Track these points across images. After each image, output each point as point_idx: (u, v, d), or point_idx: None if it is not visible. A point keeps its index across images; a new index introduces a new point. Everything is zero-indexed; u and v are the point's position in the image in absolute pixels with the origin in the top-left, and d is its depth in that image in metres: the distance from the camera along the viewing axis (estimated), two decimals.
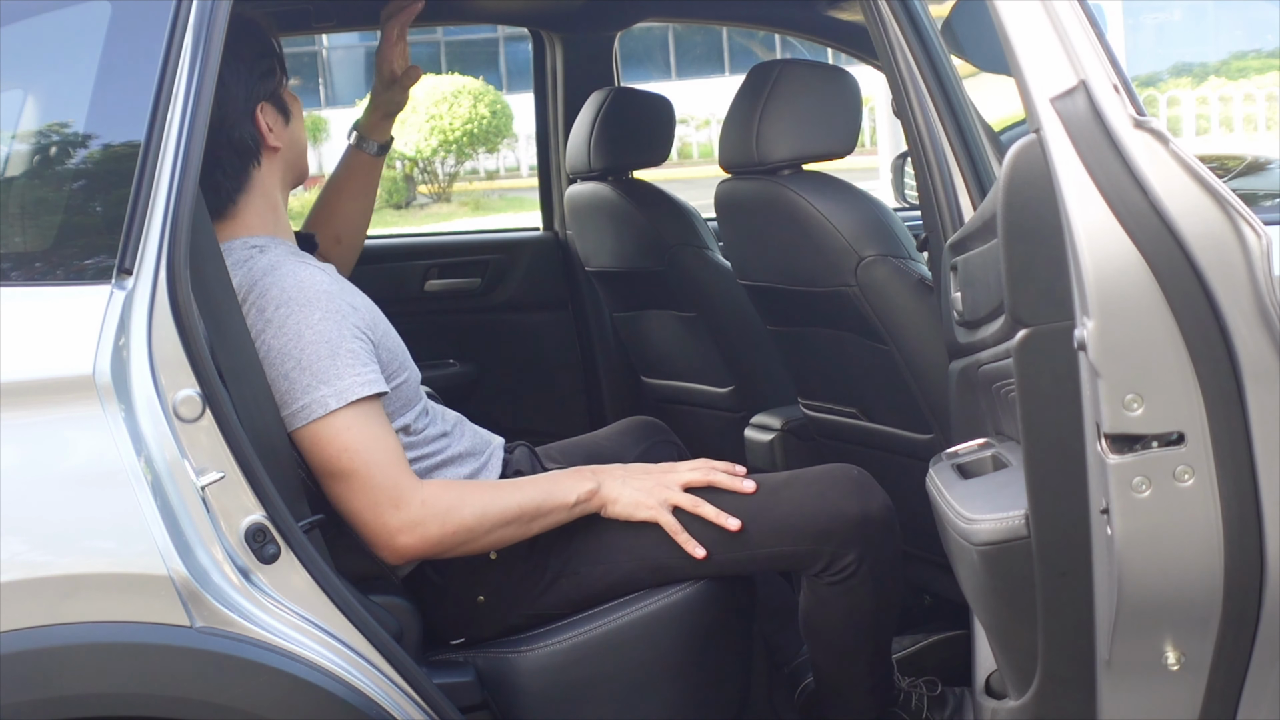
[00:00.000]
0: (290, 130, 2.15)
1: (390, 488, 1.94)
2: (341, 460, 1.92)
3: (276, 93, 2.12)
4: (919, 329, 2.35)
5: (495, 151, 18.47)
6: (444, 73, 18.63)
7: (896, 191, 3.68)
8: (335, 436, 1.92)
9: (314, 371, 1.91)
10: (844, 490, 2.16)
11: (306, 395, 1.91)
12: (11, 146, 1.84)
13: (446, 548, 1.98)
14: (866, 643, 2.21)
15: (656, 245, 3.14)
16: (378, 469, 1.93)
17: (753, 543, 2.10)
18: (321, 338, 1.93)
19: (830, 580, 2.14)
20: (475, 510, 1.99)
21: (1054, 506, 1.63)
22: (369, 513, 1.94)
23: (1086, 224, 1.49)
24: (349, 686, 1.75)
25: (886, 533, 2.15)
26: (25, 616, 1.63)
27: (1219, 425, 1.50)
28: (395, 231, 7.74)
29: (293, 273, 1.98)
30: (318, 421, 1.91)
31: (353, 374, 1.93)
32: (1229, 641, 1.58)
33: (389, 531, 1.94)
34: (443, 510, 1.96)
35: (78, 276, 1.74)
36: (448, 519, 1.96)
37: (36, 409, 1.67)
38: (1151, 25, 17.59)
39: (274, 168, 2.13)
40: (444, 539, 1.96)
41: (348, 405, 1.91)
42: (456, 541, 1.98)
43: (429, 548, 1.97)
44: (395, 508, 1.93)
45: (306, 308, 1.94)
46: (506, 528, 2.01)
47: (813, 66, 2.50)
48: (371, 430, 1.94)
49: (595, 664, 2.06)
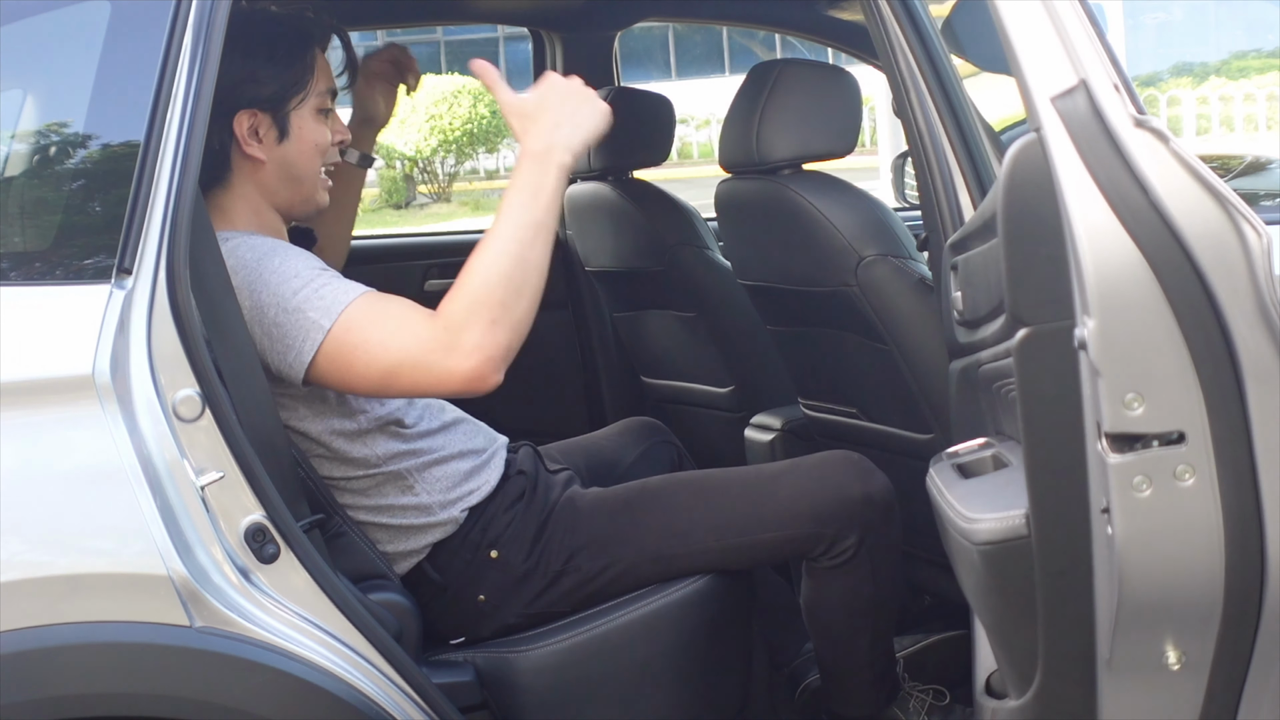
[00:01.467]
0: (285, 150, 2.06)
1: (428, 341, 1.85)
2: (371, 361, 1.86)
3: (281, 106, 2.05)
4: (919, 329, 2.35)
5: (495, 151, 18.48)
6: (444, 73, 18.63)
7: (896, 191, 3.68)
8: (343, 345, 1.86)
9: (295, 304, 1.88)
10: (845, 472, 2.18)
11: (298, 328, 1.88)
12: (11, 146, 1.84)
13: (511, 323, 1.85)
14: (865, 629, 2.21)
15: (656, 245, 3.14)
16: (407, 337, 1.85)
17: (755, 528, 2.12)
18: (290, 272, 1.90)
19: (830, 563, 2.15)
20: (482, 278, 1.86)
21: (1054, 506, 1.62)
22: (434, 376, 1.85)
23: (1087, 223, 1.49)
24: (349, 686, 1.75)
25: (887, 516, 2.17)
26: (25, 616, 1.63)
27: (1220, 424, 1.50)
28: (395, 231, 7.74)
29: (241, 245, 1.96)
30: (322, 344, 1.87)
31: (329, 287, 1.89)
32: (1230, 641, 1.58)
33: (464, 373, 1.84)
34: (467, 308, 1.86)
35: (77, 276, 1.74)
36: (479, 309, 1.85)
37: (36, 409, 1.67)
38: (1152, 25, 17.59)
39: (258, 179, 2.06)
40: (496, 321, 1.84)
41: (339, 316, 1.87)
42: (512, 316, 1.85)
43: (502, 342, 1.85)
44: (446, 351, 1.84)
45: (268, 257, 1.92)
46: (526, 251, 1.87)
47: (813, 66, 2.50)
48: (373, 312, 1.88)
49: (595, 663, 2.06)
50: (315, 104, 2.09)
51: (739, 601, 2.18)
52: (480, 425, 2.26)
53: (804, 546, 2.16)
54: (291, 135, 2.07)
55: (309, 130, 2.08)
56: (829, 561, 2.15)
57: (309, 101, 2.08)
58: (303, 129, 2.08)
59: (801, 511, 2.14)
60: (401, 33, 19.34)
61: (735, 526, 2.13)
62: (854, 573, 2.16)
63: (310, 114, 2.09)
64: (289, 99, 2.06)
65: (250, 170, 2.06)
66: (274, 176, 2.07)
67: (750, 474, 2.27)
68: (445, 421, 2.17)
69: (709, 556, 2.12)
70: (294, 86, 2.06)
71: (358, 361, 1.88)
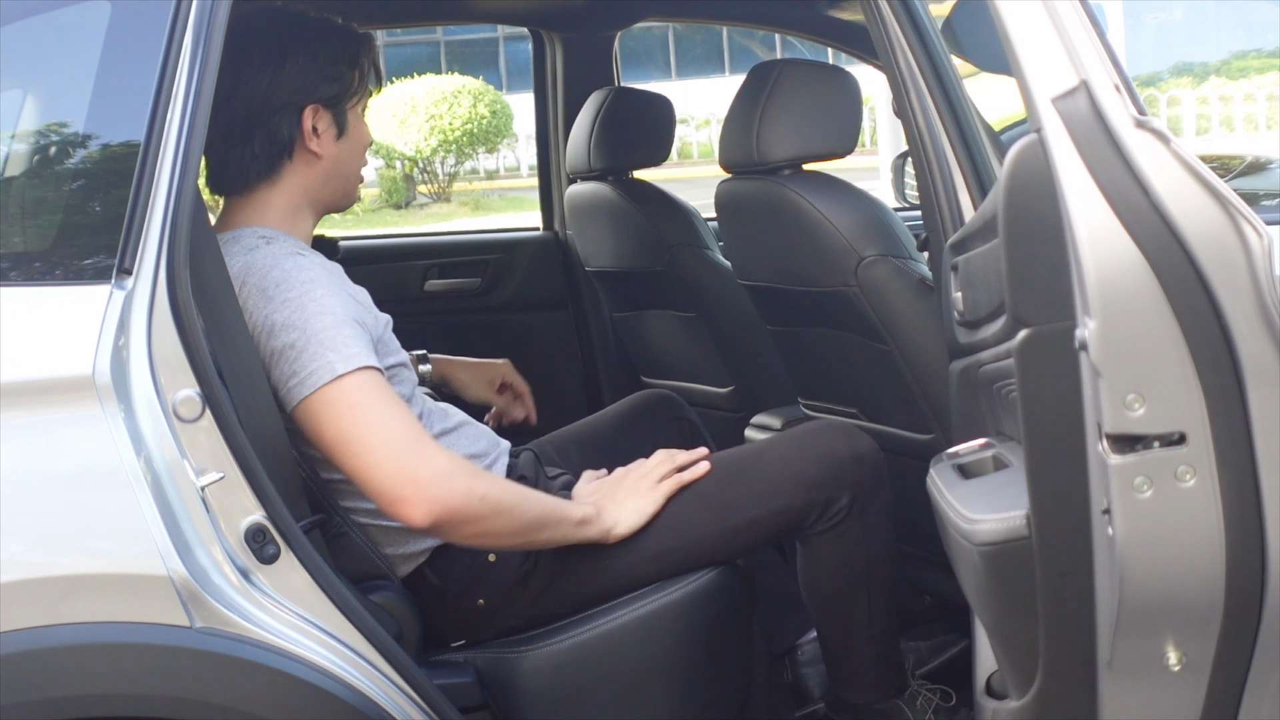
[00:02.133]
0: (340, 147, 2.12)
1: (413, 440, 1.89)
2: (358, 422, 1.88)
3: (340, 104, 2.11)
4: (919, 329, 2.35)
5: (495, 151, 18.48)
6: (444, 73, 18.64)
7: (896, 191, 3.68)
8: (344, 396, 1.88)
9: (320, 340, 1.89)
10: (830, 436, 2.20)
11: (314, 362, 1.88)
12: (11, 146, 1.83)
13: (469, 515, 1.90)
14: (860, 598, 2.21)
15: (656, 245, 3.14)
16: (396, 423, 1.89)
17: (748, 506, 2.13)
18: (326, 309, 1.92)
19: (822, 528, 2.15)
20: (496, 485, 1.97)
21: (1055, 506, 1.62)
22: (393, 467, 1.87)
23: (1088, 224, 1.49)
24: (349, 687, 1.75)
25: (876, 475, 2.17)
26: (25, 616, 1.63)
27: (1220, 425, 1.50)
28: (395, 231, 7.74)
29: (295, 258, 1.99)
30: (328, 385, 1.88)
31: (358, 345, 1.92)
32: (1230, 642, 1.58)
33: (418, 484, 1.86)
34: (468, 470, 1.93)
35: (77, 276, 1.73)
36: (475, 482, 1.91)
37: (36, 409, 1.66)
38: (1152, 25, 17.60)
39: (309, 174, 2.10)
40: (470, 502, 1.89)
41: (356, 370, 1.89)
42: (481, 511, 1.91)
43: (456, 505, 1.88)
44: (420, 458, 1.87)
45: (310, 285, 1.94)
46: (520, 519, 1.98)
47: (813, 66, 2.50)
48: (383, 393, 1.91)
49: (596, 664, 2.06)
50: (362, 106, 2.17)
51: (739, 601, 2.18)
52: (483, 429, 2.26)
53: (799, 517, 2.15)
54: (349, 133, 2.14)
55: (362, 129, 2.17)
56: (822, 525, 2.15)
57: (362, 102, 2.17)
58: (358, 127, 2.16)
59: (791, 480, 2.14)
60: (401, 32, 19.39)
61: (729, 509, 2.12)
62: (846, 536, 2.15)
63: (360, 115, 2.17)
64: (348, 98, 2.13)
65: (304, 165, 2.10)
66: (326, 172, 2.12)
67: (736, 454, 2.27)
68: (448, 426, 2.17)
69: (706, 546, 2.11)
70: (353, 87, 2.13)
71: (343, 411, 1.88)
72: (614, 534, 2.09)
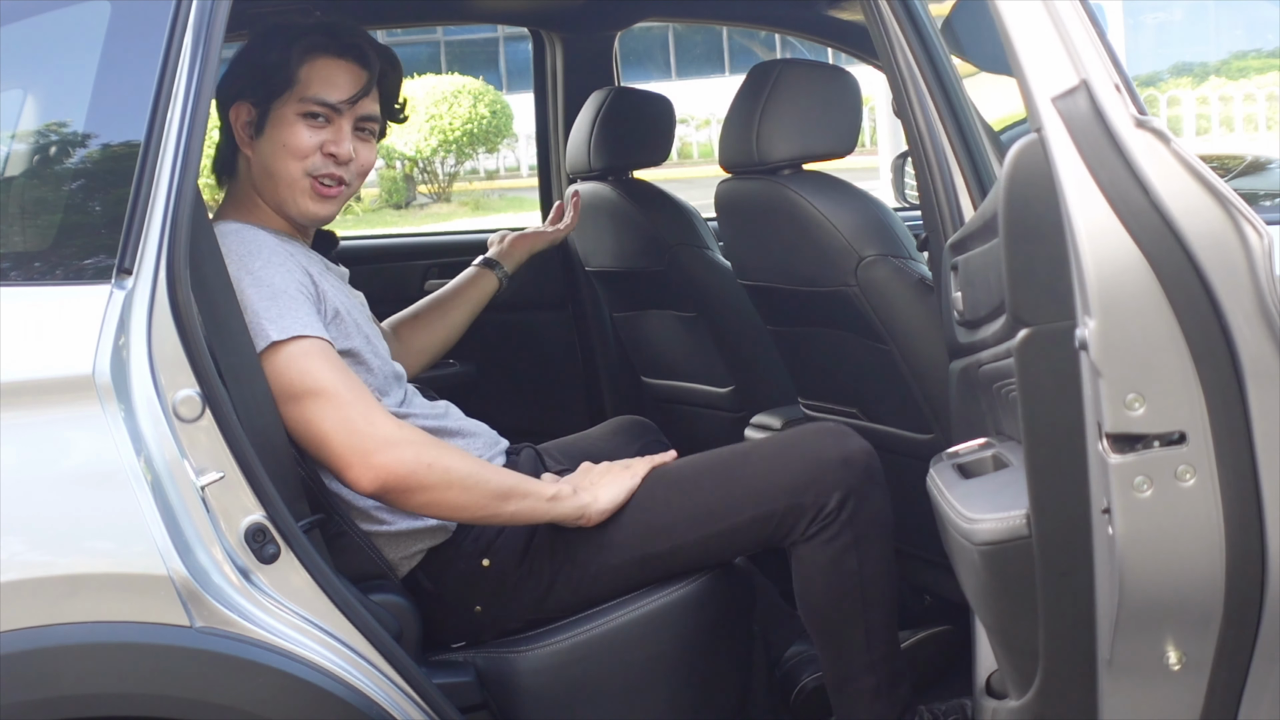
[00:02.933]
0: (259, 146, 2.10)
1: (362, 404, 1.92)
2: (305, 380, 1.90)
3: (266, 104, 2.08)
4: (919, 329, 2.35)
5: (495, 151, 18.48)
6: (444, 73, 18.63)
7: (896, 191, 3.68)
8: (293, 361, 1.90)
9: (255, 310, 1.91)
10: (819, 438, 2.13)
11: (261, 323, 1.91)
12: (11, 146, 1.83)
13: (416, 483, 1.91)
14: (855, 616, 2.09)
15: (656, 245, 3.13)
16: (345, 389, 1.92)
17: (731, 511, 2.08)
18: (263, 280, 1.94)
19: (811, 533, 2.07)
20: (450, 454, 1.97)
21: (1055, 506, 1.62)
22: (341, 428, 1.90)
23: (1088, 223, 1.49)
24: (349, 686, 1.75)
25: (868, 480, 2.08)
26: (25, 616, 1.63)
27: (1220, 425, 1.50)
28: (395, 231, 7.74)
29: (238, 232, 2.01)
30: (264, 352, 1.90)
31: (295, 314, 1.93)
32: (1230, 641, 1.58)
33: (363, 451, 1.89)
34: (418, 439, 1.94)
35: (77, 276, 1.73)
36: (423, 450, 1.93)
37: (36, 409, 1.66)
38: (1152, 25, 17.59)
39: (249, 172, 2.13)
40: (416, 470, 1.91)
41: (294, 339, 1.91)
42: (429, 479, 1.92)
43: (402, 472, 1.90)
44: (368, 424, 1.90)
45: (249, 257, 1.96)
46: (478, 490, 1.97)
47: (813, 66, 2.50)
48: (328, 360, 1.93)
49: (595, 664, 2.06)
50: (299, 108, 2.09)
51: (739, 601, 2.17)
52: (481, 428, 2.26)
53: (784, 525, 2.07)
54: (266, 132, 2.10)
55: (286, 132, 2.09)
56: (811, 530, 2.06)
57: (298, 106, 2.09)
58: (281, 129, 2.09)
59: (775, 484, 2.07)
60: (402, 32, 19.41)
61: (713, 513, 2.07)
62: (834, 543, 2.05)
63: (292, 115, 2.09)
64: (274, 98, 2.09)
65: (245, 162, 2.13)
66: (258, 171, 2.12)
67: (723, 455, 2.20)
68: (446, 427, 2.17)
69: (690, 551, 2.08)
70: (278, 87, 2.09)
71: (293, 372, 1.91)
72: (593, 509, 2.06)
